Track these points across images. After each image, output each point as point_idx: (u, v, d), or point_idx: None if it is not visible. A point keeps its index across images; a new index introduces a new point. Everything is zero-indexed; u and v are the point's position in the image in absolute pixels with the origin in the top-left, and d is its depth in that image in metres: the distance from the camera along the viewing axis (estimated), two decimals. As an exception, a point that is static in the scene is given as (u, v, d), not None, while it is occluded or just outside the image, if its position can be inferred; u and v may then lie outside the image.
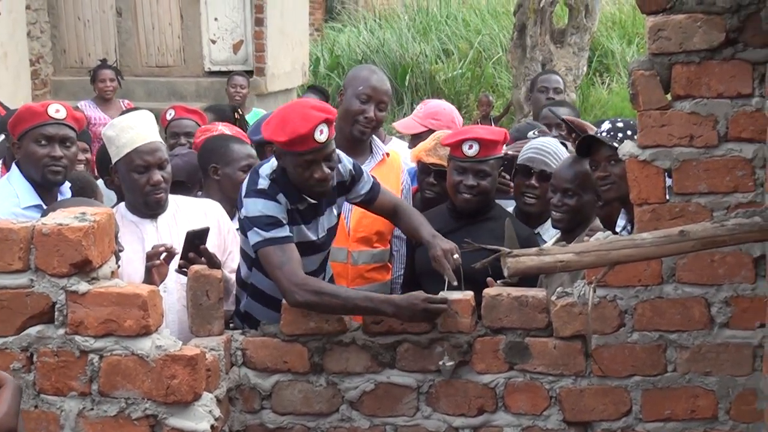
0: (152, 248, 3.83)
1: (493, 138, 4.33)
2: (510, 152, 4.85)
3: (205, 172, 4.73)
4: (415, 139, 5.56)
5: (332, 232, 4.06)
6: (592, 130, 4.71)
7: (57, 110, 4.34)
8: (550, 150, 4.62)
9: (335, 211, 4.05)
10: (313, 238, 3.93)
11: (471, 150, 4.28)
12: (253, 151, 4.78)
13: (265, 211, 3.74)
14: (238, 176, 4.52)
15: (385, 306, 3.63)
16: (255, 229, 3.72)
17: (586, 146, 4.02)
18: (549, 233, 4.51)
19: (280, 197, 3.78)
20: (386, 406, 3.71)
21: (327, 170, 3.79)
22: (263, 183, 3.81)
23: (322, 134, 3.71)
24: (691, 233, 3.08)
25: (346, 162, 4.06)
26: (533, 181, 4.58)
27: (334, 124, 3.86)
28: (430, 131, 5.31)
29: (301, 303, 3.62)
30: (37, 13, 12.09)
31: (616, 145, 3.74)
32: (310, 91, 8.90)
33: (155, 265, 3.78)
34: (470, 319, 3.63)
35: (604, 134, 3.97)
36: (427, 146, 4.85)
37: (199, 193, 4.82)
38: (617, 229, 4.10)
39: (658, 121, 3.40)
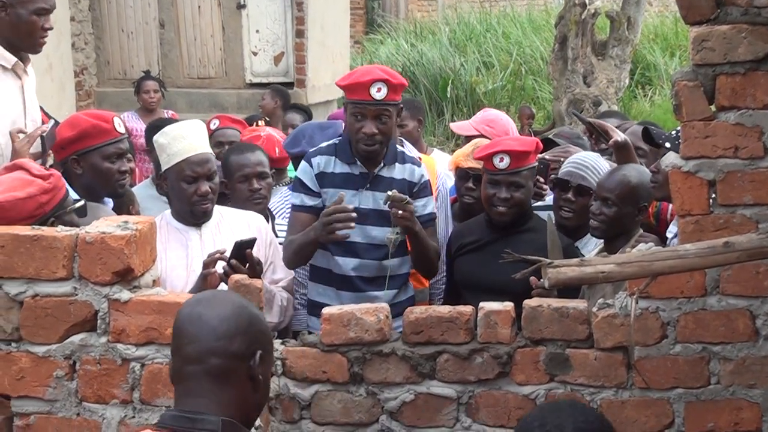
0: (208, 256, 3.87)
1: (524, 149, 4.30)
2: (547, 157, 4.83)
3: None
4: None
5: (382, 215, 4.21)
6: (614, 132, 4.70)
7: (119, 124, 4.38)
8: (589, 164, 4.59)
9: (390, 192, 4.16)
10: (353, 205, 4.14)
11: (502, 163, 4.25)
12: (256, 159, 4.74)
13: (299, 173, 4.31)
14: (237, 188, 4.54)
15: (310, 233, 4.13)
16: (292, 192, 4.37)
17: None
18: (587, 248, 4.48)
19: (318, 159, 4.25)
20: (426, 417, 3.70)
21: (375, 129, 4.12)
22: (325, 144, 4.38)
23: (379, 92, 4.07)
24: (735, 244, 3.05)
25: (424, 173, 4.39)
26: (570, 195, 4.56)
27: (400, 92, 4.22)
28: (483, 137, 5.33)
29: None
30: (82, 25, 12.23)
31: (667, 146, 3.74)
32: (292, 109, 8.93)
33: (210, 273, 3.81)
34: (510, 330, 3.61)
35: (672, 133, 3.95)
36: (465, 151, 4.87)
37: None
38: (669, 235, 4.08)
39: (702, 132, 3.37)
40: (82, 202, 3.58)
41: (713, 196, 3.40)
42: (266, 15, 12.61)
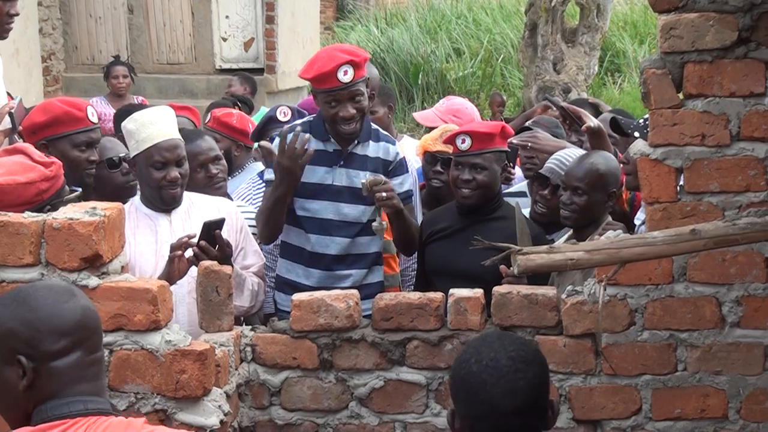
0: (177, 240, 3.85)
1: (486, 131, 4.30)
2: (514, 141, 4.84)
3: None
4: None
5: (355, 193, 4.22)
6: (588, 117, 4.71)
7: (92, 113, 4.33)
8: (569, 162, 4.63)
9: (366, 176, 4.19)
10: (327, 182, 4.22)
11: (464, 144, 4.27)
12: (207, 145, 4.70)
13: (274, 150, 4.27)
14: (194, 177, 4.47)
15: (275, 189, 4.19)
16: (266, 168, 4.39)
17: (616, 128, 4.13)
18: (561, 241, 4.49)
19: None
20: (395, 403, 3.71)
21: (352, 110, 4.14)
22: (299, 121, 4.39)
23: (346, 75, 4.06)
24: (702, 232, 3.07)
25: (399, 150, 4.40)
26: (547, 193, 4.57)
27: (364, 66, 4.19)
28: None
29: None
30: (49, 10, 12.13)
31: (636, 135, 3.76)
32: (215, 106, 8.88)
33: (177, 255, 3.80)
34: (480, 316, 3.63)
35: (640, 122, 3.97)
36: (434, 135, 4.92)
37: None
38: (636, 222, 4.10)
39: (670, 120, 3.39)
40: (79, 192, 3.56)
41: (680, 183, 3.42)
42: (236, 1, 12.56)
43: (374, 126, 4.41)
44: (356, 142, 4.29)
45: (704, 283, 3.47)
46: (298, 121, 4.44)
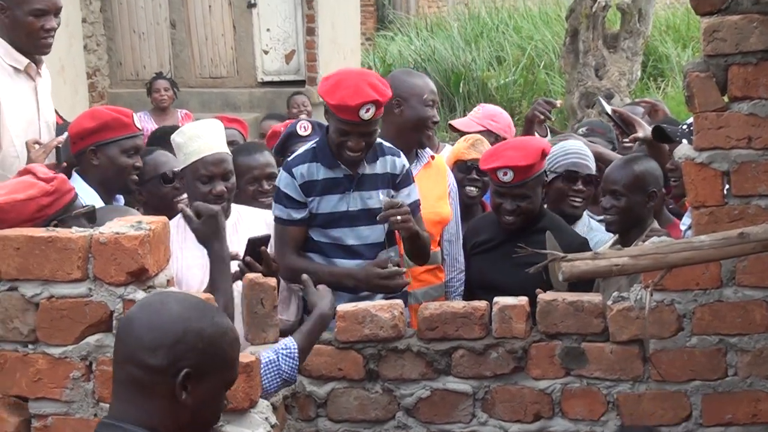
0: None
1: (527, 164, 4.18)
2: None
3: None
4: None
5: (371, 213, 4.15)
6: (641, 126, 4.66)
7: (139, 120, 4.43)
8: (587, 152, 4.72)
9: (382, 196, 4.14)
10: (342, 209, 4.14)
11: (506, 177, 4.18)
12: (265, 161, 4.67)
13: (281, 186, 4.17)
14: (245, 189, 4.48)
15: (346, 279, 4.07)
16: (274, 203, 4.18)
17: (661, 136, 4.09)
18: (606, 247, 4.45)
19: (300, 168, 4.13)
20: (442, 413, 3.70)
21: (362, 143, 4.07)
22: (302, 149, 4.25)
23: (368, 113, 3.98)
24: (751, 235, 3.04)
25: (405, 162, 4.27)
26: (581, 186, 4.58)
27: (387, 111, 4.18)
28: (487, 132, 5.32)
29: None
30: (93, 27, 12.26)
31: (684, 141, 3.72)
32: (268, 118, 8.88)
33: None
34: (525, 324, 3.61)
35: (684, 128, 3.93)
36: (465, 145, 4.90)
37: None
38: (682, 227, 4.06)
39: (715, 123, 3.36)
40: (90, 207, 3.58)
41: (727, 186, 3.38)
42: (277, 13, 12.61)
43: (378, 140, 4.29)
44: (364, 163, 4.20)
45: (754, 287, 3.43)
46: (301, 150, 4.30)
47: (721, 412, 3.51)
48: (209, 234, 3.54)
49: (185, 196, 4.30)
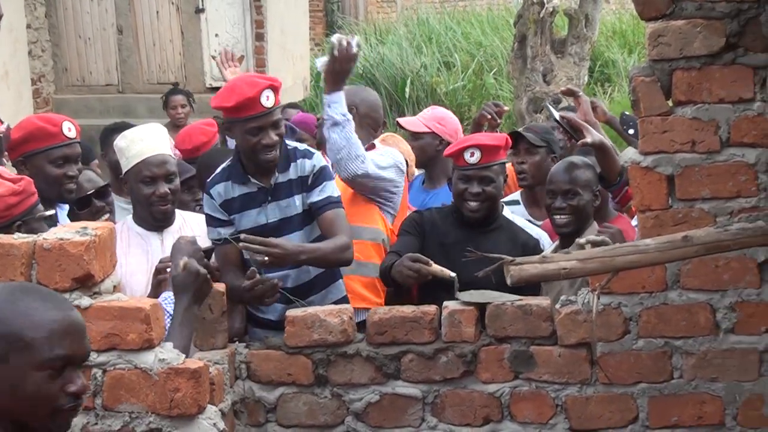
0: (160, 262, 3.83)
1: (495, 143, 4.31)
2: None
3: None
4: (415, 139, 5.50)
5: (291, 221, 4.06)
6: (588, 131, 4.66)
7: (69, 128, 4.30)
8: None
9: (297, 203, 4.05)
10: (262, 222, 4.04)
11: (473, 157, 4.23)
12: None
13: (206, 208, 4.12)
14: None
15: (234, 295, 3.84)
16: (207, 227, 4.10)
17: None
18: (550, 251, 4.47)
19: (217, 188, 4.05)
20: (392, 417, 3.70)
21: (275, 137, 3.98)
22: (219, 169, 4.14)
23: (268, 100, 3.95)
24: (694, 238, 3.07)
25: (316, 162, 4.10)
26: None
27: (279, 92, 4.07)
28: (432, 134, 5.29)
29: None
30: (38, 32, 12.11)
31: (631, 132, 3.77)
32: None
33: (165, 279, 3.77)
34: (474, 328, 3.62)
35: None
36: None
37: None
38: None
39: (660, 127, 3.40)
40: (52, 212, 3.55)
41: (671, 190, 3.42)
42: (225, 19, 12.55)
43: (291, 145, 4.20)
44: (276, 173, 4.09)
45: (698, 289, 3.47)
46: (218, 171, 4.15)
47: (667, 414, 3.55)
48: (188, 287, 3.46)
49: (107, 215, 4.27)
